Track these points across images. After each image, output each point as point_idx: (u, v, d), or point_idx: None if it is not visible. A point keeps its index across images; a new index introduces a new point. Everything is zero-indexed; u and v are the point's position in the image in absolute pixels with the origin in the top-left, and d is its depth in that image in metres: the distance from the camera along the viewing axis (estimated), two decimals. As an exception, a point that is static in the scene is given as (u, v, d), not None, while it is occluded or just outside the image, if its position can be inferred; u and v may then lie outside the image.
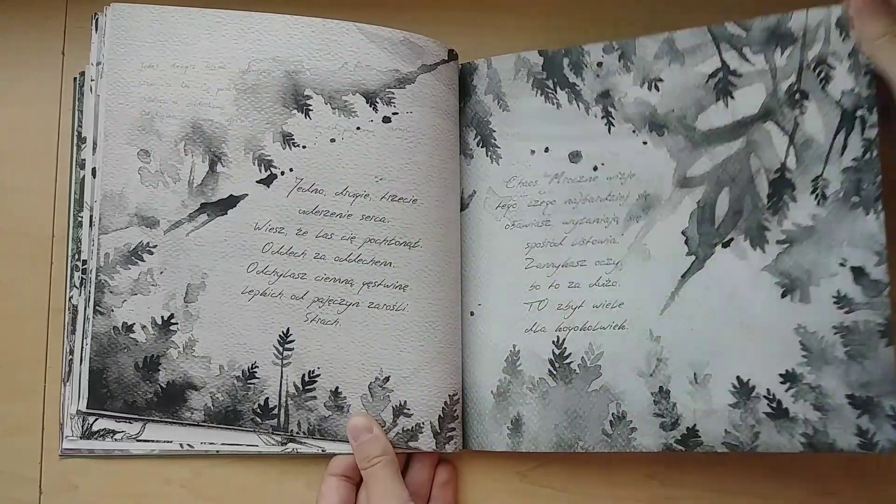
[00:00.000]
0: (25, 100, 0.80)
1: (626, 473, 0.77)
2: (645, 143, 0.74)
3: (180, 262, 0.72)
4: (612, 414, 0.71)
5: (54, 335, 0.76)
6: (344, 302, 0.72)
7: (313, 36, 0.74)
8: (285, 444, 0.72)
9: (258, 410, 0.71)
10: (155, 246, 0.72)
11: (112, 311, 0.72)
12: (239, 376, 0.71)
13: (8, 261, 0.77)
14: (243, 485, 0.75)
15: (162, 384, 0.71)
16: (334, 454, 0.73)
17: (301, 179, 0.73)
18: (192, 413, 0.71)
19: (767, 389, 0.68)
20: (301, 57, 0.74)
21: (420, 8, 0.83)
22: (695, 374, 0.70)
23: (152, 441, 0.72)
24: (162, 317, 0.72)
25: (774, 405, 0.68)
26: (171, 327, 0.72)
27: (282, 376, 0.72)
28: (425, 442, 0.72)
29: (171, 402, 0.71)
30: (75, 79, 0.79)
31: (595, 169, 0.75)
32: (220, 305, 0.72)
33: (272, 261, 0.72)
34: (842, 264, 0.67)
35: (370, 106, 0.73)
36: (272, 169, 0.73)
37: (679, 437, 0.70)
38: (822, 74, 0.69)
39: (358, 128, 0.73)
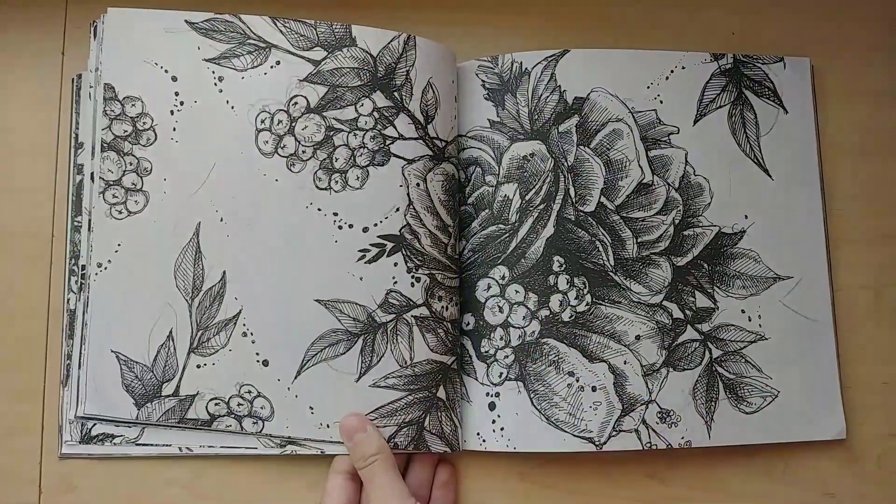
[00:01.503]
0: (25, 100, 0.80)
1: (626, 473, 0.77)
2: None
3: None
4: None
5: (54, 335, 0.76)
6: None
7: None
8: (284, 446, 0.73)
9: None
10: None
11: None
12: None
13: (8, 261, 0.77)
14: (244, 486, 0.75)
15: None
16: (335, 455, 0.73)
17: None
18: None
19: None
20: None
21: (420, 8, 0.83)
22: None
23: (151, 445, 0.72)
24: None
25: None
26: None
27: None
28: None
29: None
30: (73, 80, 0.79)
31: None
32: None
33: None
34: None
35: None
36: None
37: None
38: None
39: None
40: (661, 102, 0.81)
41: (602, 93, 0.80)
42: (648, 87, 0.81)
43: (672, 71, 0.82)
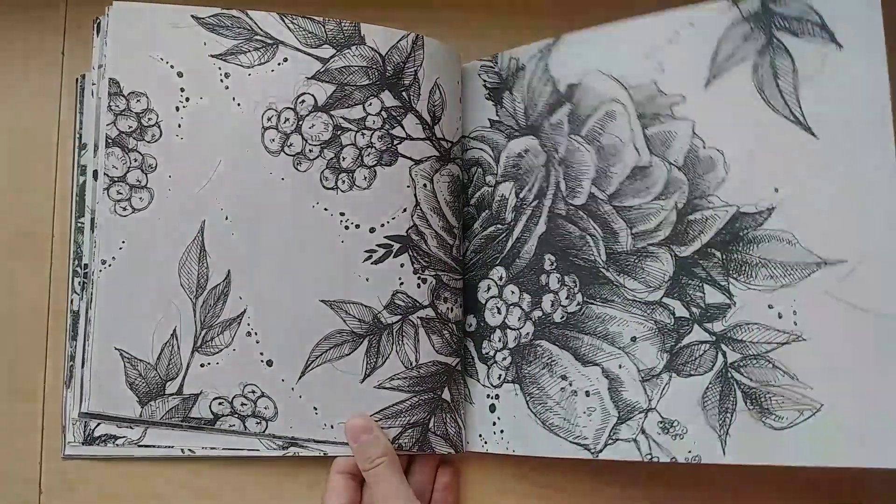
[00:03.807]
0: (25, 100, 0.80)
1: (626, 474, 0.77)
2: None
3: None
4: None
5: (54, 335, 0.77)
6: None
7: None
8: (286, 447, 0.73)
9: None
10: None
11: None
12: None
13: (8, 261, 0.78)
14: (244, 486, 0.75)
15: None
16: (336, 457, 0.73)
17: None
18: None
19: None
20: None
21: (420, 8, 0.84)
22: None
23: (154, 446, 0.73)
24: None
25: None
26: None
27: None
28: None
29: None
30: (77, 80, 0.79)
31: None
32: None
33: None
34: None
35: None
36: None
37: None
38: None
39: None
40: (663, 71, 0.71)
41: (594, 74, 0.74)
42: (647, 57, 0.72)
43: (677, 32, 0.71)
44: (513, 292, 0.76)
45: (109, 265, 0.72)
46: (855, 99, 0.64)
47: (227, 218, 0.73)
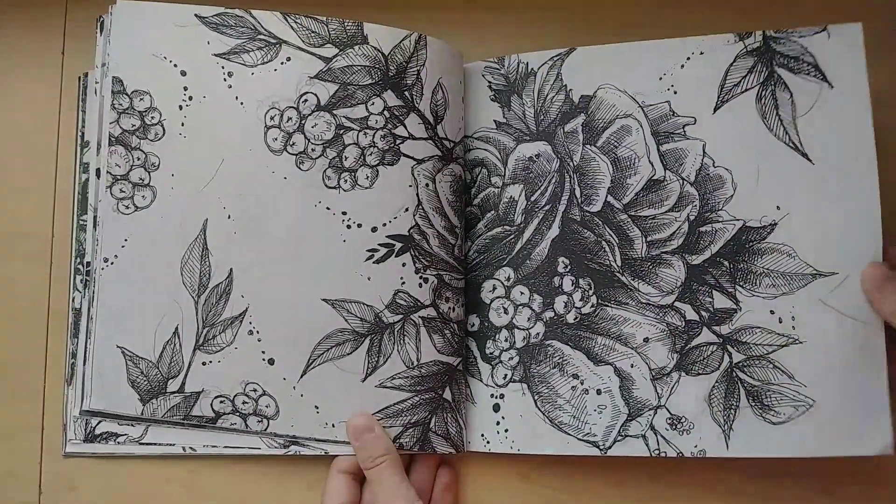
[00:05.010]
0: (25, 100, 0.80)
1: (626, 473, 0.77)
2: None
3: None
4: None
5: (54, 335, 0.77)
6: None
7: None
8: (287, 446, 0.73)
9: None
10: None
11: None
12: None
13: (8, 261, 0.78)
14: (244, 486, 0.75)
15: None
16: (337, 455, 0.73)
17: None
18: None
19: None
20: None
21: (420, 8, 0.83)
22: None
23: (155, 444, 0.73)
24: None
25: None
26: None
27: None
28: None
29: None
30: (79, 78, 0.79)
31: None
32: None
33: None
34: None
35: None
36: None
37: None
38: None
39: None
40: (676, 93, 0.76)
41: (610, 89, 0.77)
42: (661, 79, 0.77)
43: (688, 58, 0.76)
44: (522, 293, 0.76)
45: (112, 263, 0.72)
46: (844, 133, 0.72)
47: (229, 216, 0.73)
